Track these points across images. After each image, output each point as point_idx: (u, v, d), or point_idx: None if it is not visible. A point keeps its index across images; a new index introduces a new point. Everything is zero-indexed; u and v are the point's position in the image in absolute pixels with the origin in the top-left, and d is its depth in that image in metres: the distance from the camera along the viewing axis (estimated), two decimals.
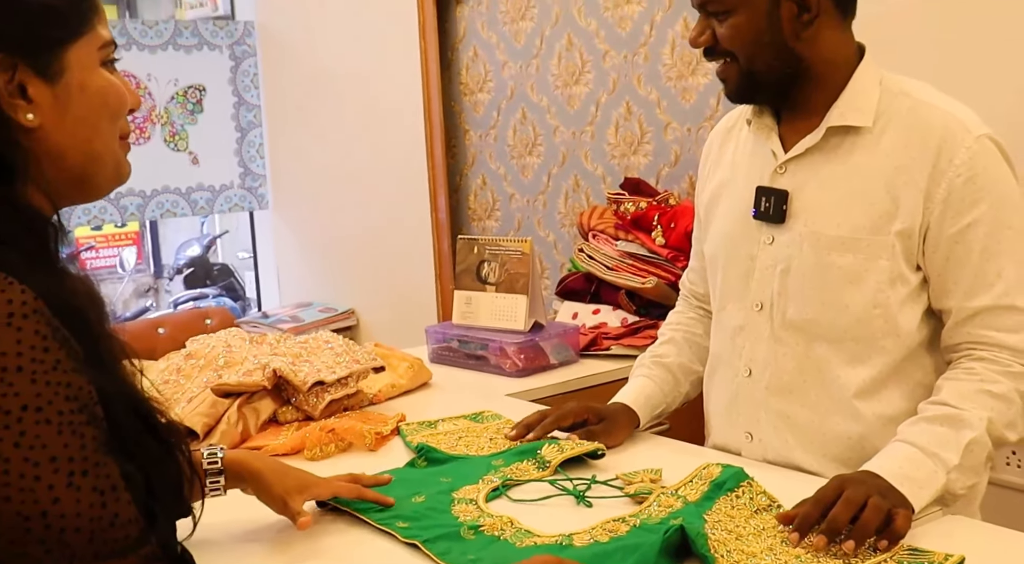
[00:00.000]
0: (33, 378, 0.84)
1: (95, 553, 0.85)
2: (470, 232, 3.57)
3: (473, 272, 2.47)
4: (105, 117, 1.01)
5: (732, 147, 1.73)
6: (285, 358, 1.94)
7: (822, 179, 1.56)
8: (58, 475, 0.84)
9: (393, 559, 1.32)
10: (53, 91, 0.96)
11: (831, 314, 1.54)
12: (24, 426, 0.83)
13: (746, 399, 1.66)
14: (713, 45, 1.56)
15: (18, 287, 0.85)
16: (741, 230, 1.65)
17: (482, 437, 1.80)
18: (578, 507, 1.47)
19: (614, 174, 3.01)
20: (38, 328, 0.85)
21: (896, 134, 1.51)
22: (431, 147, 3.54)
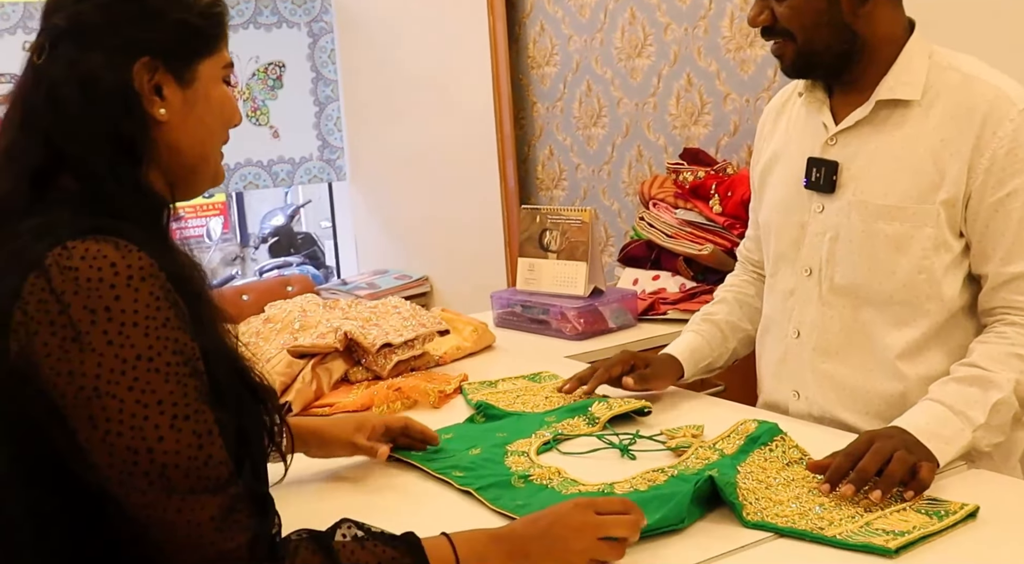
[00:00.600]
0: (146, 332, 0.97)
1: (190, 488, 0.98)
2: (538, 202, 3.67)
3: (536, 240, 2.58)
4: (219, 124, 1.17)
5: (785, 120, 1.81)
6: (356, 322, 2.08)
7: (871, 150, 1.62)
8: (163, 417, 0.97)
9: (450, 504, 1.45)
10: (184, 94, 1.12)
11: (878, 279, 1.62)
12: (137, 373, 0.97)
13: (794, 359, 1.75)
14: (771, 24, 1.61)
15: (137, 254, 0.99)
16: (793, 199, 1.73)
17: (538, 395, 1.92)
18: (622, 459, 1.58)
19: (675, 144, 3.09)
20: (152, 289, 0.99)
21: (944, 107, 1.56)
22: (500, 119, 3.64)
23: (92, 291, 0.96)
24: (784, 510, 1.34)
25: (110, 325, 0.96)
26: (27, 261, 0.97)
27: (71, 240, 0.98)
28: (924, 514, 1.30)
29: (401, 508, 1.46)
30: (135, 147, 1.08)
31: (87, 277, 0.96)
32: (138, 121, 1.08)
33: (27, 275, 0.97)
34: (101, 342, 0.96)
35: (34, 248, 0.98)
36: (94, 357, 0.96)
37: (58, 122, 1.06)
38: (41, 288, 0.96)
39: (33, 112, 1.07)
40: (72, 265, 0.96)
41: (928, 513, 1.30)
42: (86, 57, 1.06)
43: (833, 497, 1.36)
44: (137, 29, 1.08)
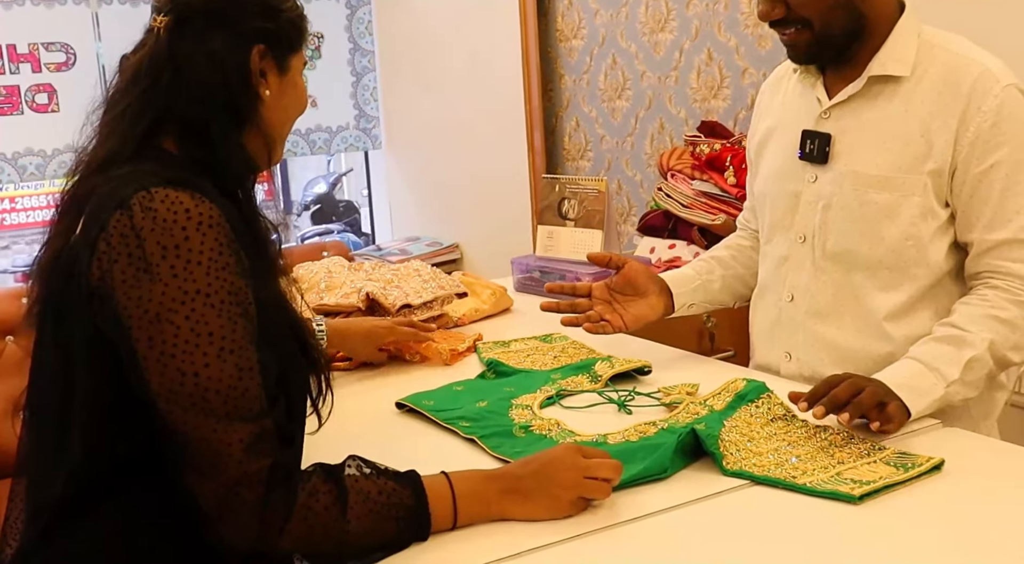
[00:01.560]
0: (208, 271, 1.12)
1: (226, 413, 1.11)
2: (564, 172, 3.77)
3: (555, 208, 2.68)
4: (296, 111, 1.35)
5: (781, 95, 1.89)
6: (378, 283, 2.21)
7: (862, 123, 1.71)
8: (212, 347, 1.11)
9: (455, 450, 1.57)
10: (280, 80, 1.31)
11: (868, 245, 1.71)
12: (195, 305, 1.11)
13: (787, 322, 1.84)
14: (785, 15, 1.66)
15: (209, 204, 1.14)
16: (788, 169, 1.81)
17: (547, 355, 2.03)
18: (618, 414, 1.68)
19: (695, 117, 3.17)
20: (218, 236, 1.13)
21: (932, 83, 1.65)
22: (528, 91, 3.73)
23: (166, 230, 1.10)
24: (762, 461, 1.44)
25: (177, 261, 1.10)
26: (116, 200, 1.12)
27: (155, 187, 1.12)
28: (892, 466, 1.40)
29: (409, 453, 1.56)
30: (243, 116, 1.26)
31: (163, 218, 1.10)
32: (249, 97, 1.27)
33: (114, 212, 1.12)
34: (167, 274, 1.10)
35: (124, 190, 1.13)
36: (159, 286, 1.10)
37: (183, 89, 1.23)
38: (124, 223, 1.11)
39: (157, 80, 1.24)
40: (152, 206, 1.11)
41: (895, 465, 1.40)
42: (213, 37, 1.25)
43: (807, 445, 1.46)
44: (257, 19, 1.27)
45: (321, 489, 1.15)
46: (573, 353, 2.02)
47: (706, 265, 2.01)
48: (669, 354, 2.03)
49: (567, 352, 2.04)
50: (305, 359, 1.30)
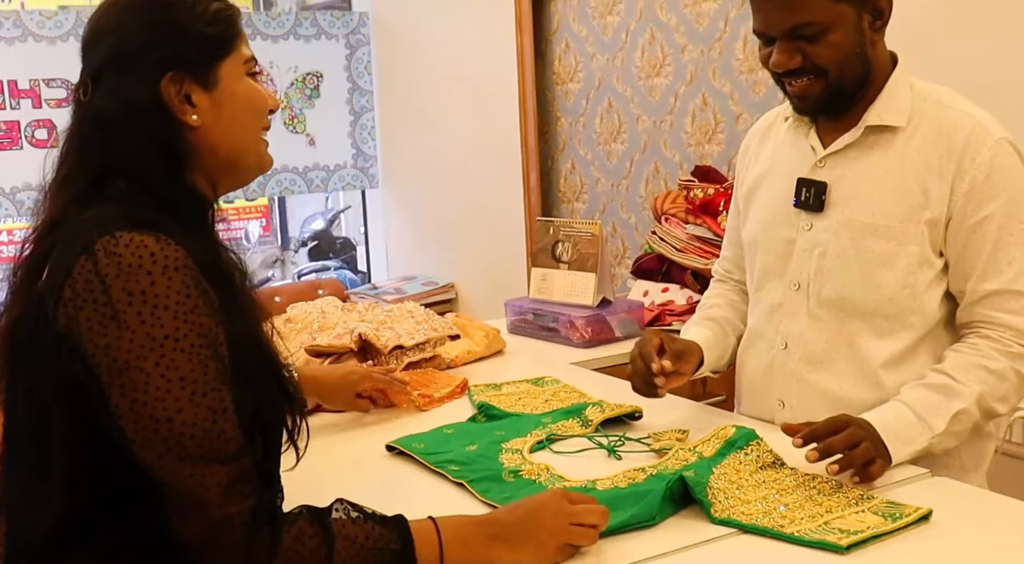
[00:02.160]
0: (176, 315, 1.11)
1: (202, 456, 1.11)
2: (559, 213, 3.79)
3: (549, 251, 2.70)
4: (250, 116, 1.29)
5: (771, 143, 1.89)
6: (371, 324, 2.21)
7: (859, 172, 1.71)
8: (184, 392, 1.11)
9: (444, 495, 1.56)
10: (211, 97, 1.25)
11: (865, 293, 1.71)
12: (164, 351, 1.10)
13: (780, 369, 1.83)
14: (802, 65, 1.64)
15: (174, 246, 1.12)
16: (781, 217, 1.81)
17: (538, 398, 2.03)
18: (607, 459, 1.68)
19: (690, 161, 3.20)
20: (184, 278, 1.12)
21: (926, 134, 1.67)
22: (525, 133, 3.76)
23: (131, 276, 1.09)
24: (750, 509, 1.44)
25: (144, 307, 1.09)
26: (81, 245, 1.11)
27: (119, 230, 1.11)
28: (879, 516, 1.40)
29: (397, 497, 1.58)
30: (176, 152, 1.23)
31: (128, 263, 1.09)
32: (175, 129, 1.23)
33: (79, 257, 1.10)
34: (135, 321, 1.09)
35: (88, 235, 1.11)
36: (128, 334, 1.09)
37: (110, 143, 1.20)
38: (88, 270, 1.10)
39: (86, 141, 1.23)
40: (117, 251, 1.10)
41: (883, 515, 1.40)
42: (122, 83, 1.22)
43: (795, 494, 1.47)
44: (157, 50, 1.22)
45: (307, 532, 1.15)
46: (564, 397, 2.03)
47: (720, 329, 1.98)
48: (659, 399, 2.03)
49: (558, 396, 2.04)
50: (280, 394, 1.29)
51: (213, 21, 1.26)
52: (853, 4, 1.62)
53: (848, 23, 1.62)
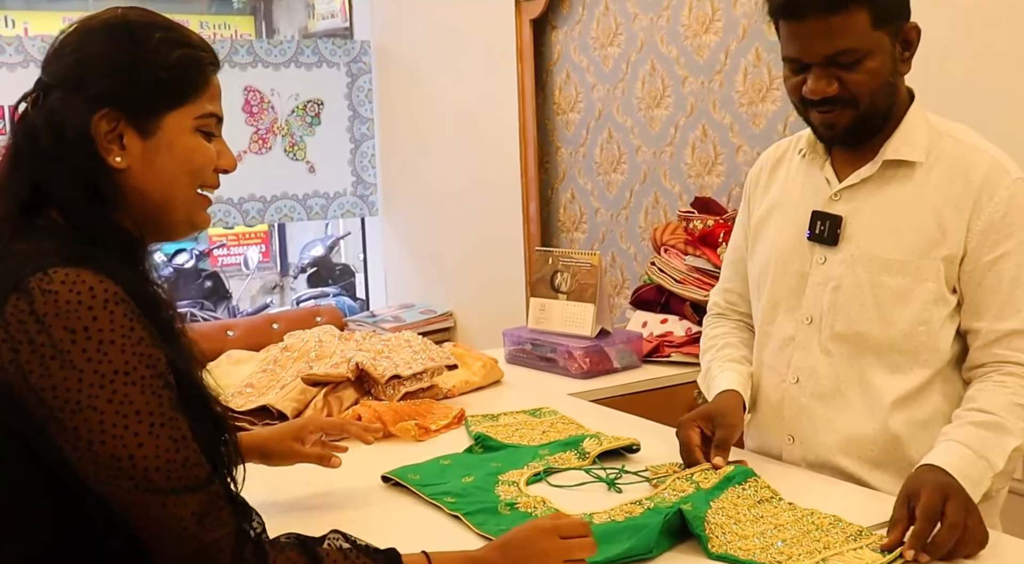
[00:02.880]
0: (123, 349, 1.07)
1: (172, 487, 1.08)
2: (559, 243, 3.79)
3: (548, 281, 2.69)
4: (184, 172, 1.22)
5: (783, 174, 1.86)
6: (368, 353, 2.20)
7: (875, 206, 1.70)
8: (142, 425, 1.07)
9: (440, 526, 1.55)
10: (144, 144, 1.19)
11: (880, 328, 1.69)
12: (116, 387, 1.06)
13: (791, 404, 1.80)
14: (838, 92, 1.61)
15: (111, 281, 1.08)
16: (794, 249, 1.78)
17: (536, 430, 2.02)
18: (607, 493, 1.67)
19: (690, 192, 3.20)
20: (126, 312, 1.08)
21: (943, 171, 1.65)
22: (525, 162, 3.77)
23: (71, 313, 1.05)
24: (747, 544, 1.43)
25: (89, 344, 1.05)
26: (12, 282, 1.06)
27: (52, 267, 1.06)
28: (877, 552, 1.39)
29: (392, 528, 1.57)
30: (99, 189, 1.17)
31: (66, 300, 1.05)
32: (97, 166, 1.17)
33: (9, 296, 1.05)
34: (81, 359, 1.05)
35: (18, 272, 1.06)
36: (75, 373, 1.05)
37: (38, 163, 1.16)
38: (22, 309, 1.05)
39: (19, 154, 1.18)
40: (53, 289, 1.05)
41: (882, 551, 1.39)
42: (61, 106, 1.17)
43: (793, 529, 1.46)
44: (103, 83, 1.17)
45: (296, 562, 1.13)
46: (562, 428, 2.02)
47: (747, 371, 1.91)
48: (658, 430, 2.02)
49: (556, 427, 2.03)
50: (213, 425, 1.24)
51: (172, 68, 1.20)
52: (888, 32, 1.60)
53: (885, 51, 1.60)
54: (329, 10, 9.14)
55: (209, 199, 1.28)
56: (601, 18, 3.48)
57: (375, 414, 2.01)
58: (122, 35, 1.20)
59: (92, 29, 1.21)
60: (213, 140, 1.25)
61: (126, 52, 1.19)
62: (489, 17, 3.86)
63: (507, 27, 3.75)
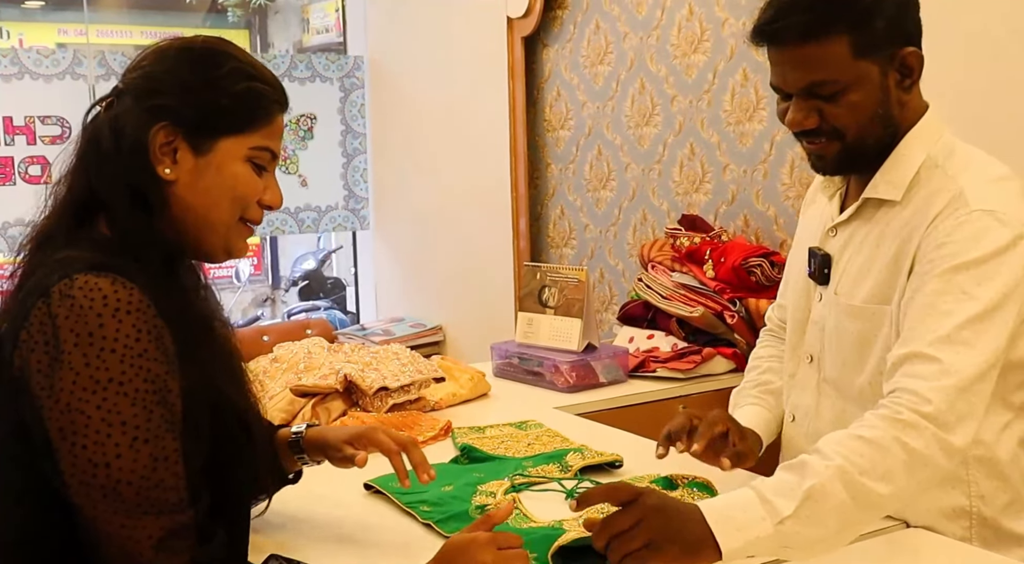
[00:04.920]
0: (122, 359, 1.09)
1: (137, 505, 1.09)
2: (548, 259, 3.81)
3: (535, 296, 2.72)
4: (228, 197, 1.26)
5: (817, 203, 1.78)
6: (356, 365, 2.23)
7: (855, 246, 1.62)
8: (125, 437, 1.09)
9: (415, 534, 1.58)
10: (196, 161, 1.24)
11: (850, 375, 1.63)
12: (107, 394, 1.08)
13: (788, 443, 1.78)
14: (818, 125, 1.52)
15: (129, 289, 1.11)
16: (802, 286, 1.74)
17: (521, 442, 2.04)
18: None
19: (677, 209, 3.23)
20: (135, 322, 1.10)
21: (915, 209, 1.53)
22: (515, 178, 3.80)
23: (81, 317, 1.08)
24: None
25: (90, 349, 1.08)
26: (41, 289, 1.11)
27: (76, 273, 1.11)
28: None
29: (371, 535, 1.59)
30: (147, 197, 1.22)
31: (79, 305, 1.08)
32: (148, 174, 1.22)
33: (37, 301, 1.10)
34: (80, 363, 1.08)
35: (49, 278, 1.11)
36: (71, 375, 1.08)
37: (95, 164, 1.22)
38: (43, 312, 1.09)
39: (83, 155, 1.25)
40: (71, 293, 1.09)
41: None
42: (126, 113, 1.24)
43: None
44: (168, 98, 1.23)
45: None
46: (547, 441, 2.04)
47: (771, 400, 1.84)
48: (642, 444, 2.03)
49: (541, 440, 2.05)
50: (247, 441, 1.27)
51: (236, 96, 1.25)
52: (877, 61, 1.49)
53: (871, 82, 1.49)
54: (324, 25, 9.18)
55: (251, 230, 1.32)
56: (592, 36, 3.51)
57: (362, 425, 2.02)
58: (196, 58, 1.26)
59: (171, 47, 1.28)
60: (264, 174, 1.29)
61: (196, 74, 1.25)
62: (481, 34, 3.89)
63: (499, 44, 3.79)
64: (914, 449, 1.32)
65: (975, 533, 1.56)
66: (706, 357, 2.67)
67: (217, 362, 1.26)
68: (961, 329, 1.39)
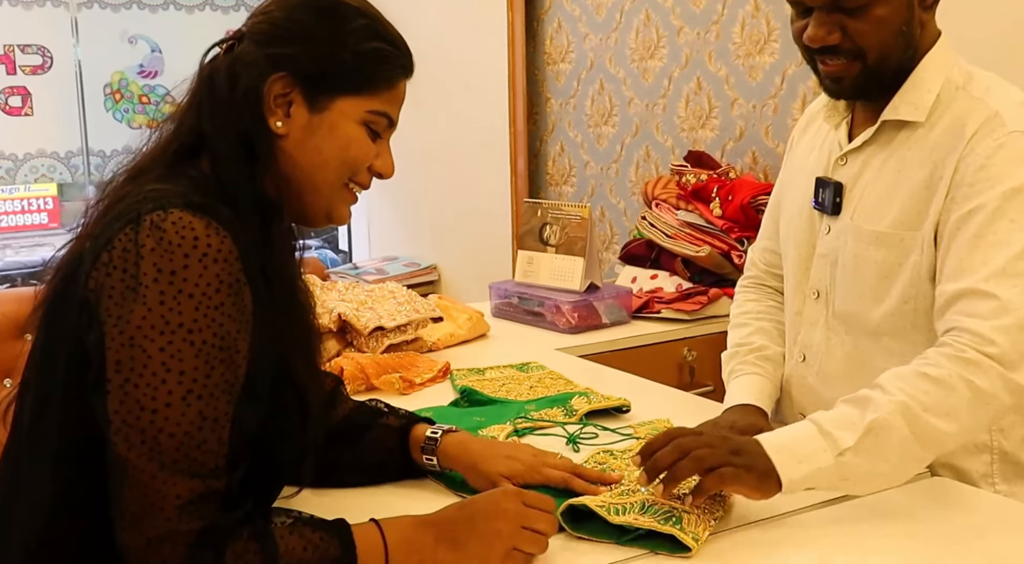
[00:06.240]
0: (197, 306, 1.04)
1: (173, 461, 1.03)
2: (547, 196, 3.72)
3: (536, 234, 2.63)
4: (337, 159, 1.21)
5: (812, 133, 1.73)
6: (351, 304, 2.14)
7: (872, 173, 1.56)
8: (180, 387, 1.03)
9: (414, 479, 1.49)
10: (309, 117, 1.19)
11: (867, 308, 1.56)
12: (174, 338, 1.03)
13: (799, 383, 1.71)
14: (839, 42, 1.47)
15: (222, 237, 1.06)
16: (805, 218, 1.67)
17: (523, 385, 1.96)
18: (589, 448, 1.61)
19: (682, 146, 3.13)
20: (220, 273, 1.05)
21: (943, 131, 1.48)
22: (514, 114, 3.69)
23: (167, 253, 1.03)
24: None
25: (169, 288, 1.03)
26: (132, 215, 1.06)
27: (172, 207, 1.05)
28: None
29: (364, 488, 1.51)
30: (253, 146, 1.17)
31: (168, 240, 1.03)
32: (258, 124, 1.17)
33: (126, 226, 1.05)
34: (154, 299, 1.03)
35: (143, 206, 1.06)
36: (142, 309, 1.03)
37: (207, 106, 1.18)
38: (129, 238, 1.04)
39: (196, 95, 1.20)
40: (162, 226, 1.04)
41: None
42: (244, 57, 1.18)
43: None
44: (290, 47, 1.18)
45: (250, 550, 1.05)
46: (550, 384, 1.96)
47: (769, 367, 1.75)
48: (648, 388, 1.98)
49: (543, 383, 1.97)
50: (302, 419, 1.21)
51: (361, 55, 1.21)
52: None
53: None
54: None
55: (355, 197, 1.27)
56: None
57: (358, 366, 1.94)
58: (325, 9, 1.20)
59: None
60: (377, 141, 1.26)
61: (322, 26, 1.19)
62: None
63: None
64: (980, 388, 1.33)
65: (996, 469, 1.53)
66: (712, 298, 2.58)
67: (292, 333, 1.21)
68: (1016, 261, 1.38)
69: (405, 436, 1.47)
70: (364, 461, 1.46)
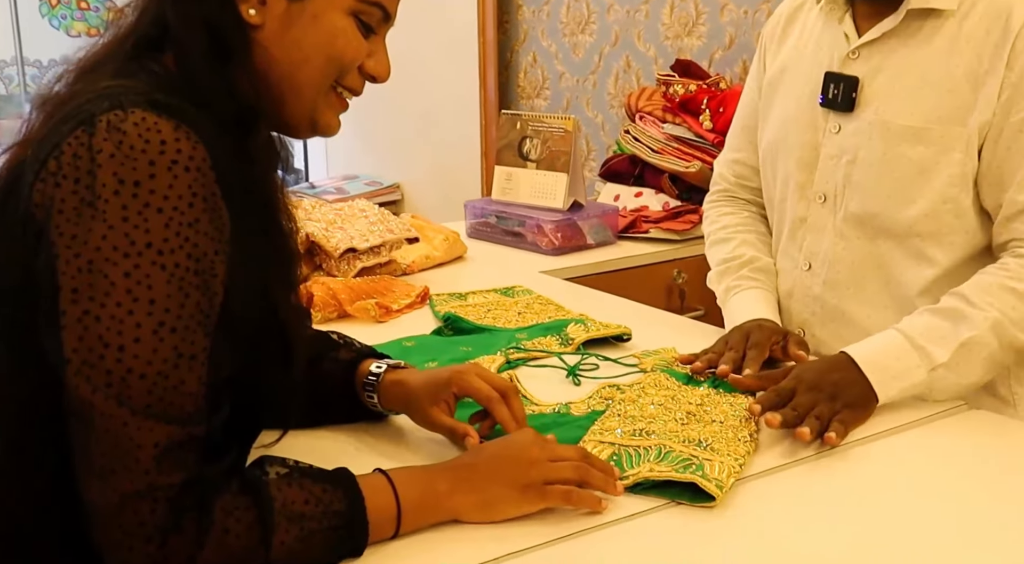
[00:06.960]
0: (167, 223, 0.87)
1: (146, 405, 0.86)
2: (518, 110, 3.53)
3: (515, 148, 2.45)
4: (321, 55, 1.02)
5: (798, 28, 1.65)
6: (319, 224, 1.96)
7: (897, 65, 1.48)
8: (150, 319, 0.86)
9: (399, 420, 1.33)
10: (288, 6, 1.00)
11: (898, 207, 1.48)
12: (140, 261, 0.86)
13: (802, 294, 1.63)
14: None
15: (193, 142, 0.89)
16: (806, 117, 1.58)
17: (511, 310, 1.81)
18: (584, 380, 1.48)
19: (666, 56, 2.95)
20: (193, 184, 0.88)
21: (978, 20, 1.41)
22: (483, 22, 3.49)
23: (128, 160, 0.87)
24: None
25: (133, 201, 0.87)
26: (84, 115, 0.89)
27: (132, 107, 0.89)
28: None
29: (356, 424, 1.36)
30: (224, 40, 0.99)
31: (130, 144, 0.87)
32: (229, 13, 0.99)
33: (76, 128, 0.89)
34: (116, 216, 0.86)
35: (96, 105, 0.90)
36: (102, 227, 0.86)
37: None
38: (81, 142, 0.88)
39: None
40: (121, 128, 0.87)
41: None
42: None
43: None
44: None
45: (241, 505, 0.90)
46: (540, 309, 1.81)
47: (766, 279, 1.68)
48: (643, 312, 1.86)
49: (532, 308, 1.82)
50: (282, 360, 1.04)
51: None
52: None
53: None
54: None
55: (345, 103, 1.09)
56: None
57: (329, 292, 1.77)
58: None
59: None
60: (371, 37, 1.07)
61: None
62: None
63: None
64: None
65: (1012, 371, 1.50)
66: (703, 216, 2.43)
67: (273, 259, 1.03)
68: None
69: (352, 372, 1.30)
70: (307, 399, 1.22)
